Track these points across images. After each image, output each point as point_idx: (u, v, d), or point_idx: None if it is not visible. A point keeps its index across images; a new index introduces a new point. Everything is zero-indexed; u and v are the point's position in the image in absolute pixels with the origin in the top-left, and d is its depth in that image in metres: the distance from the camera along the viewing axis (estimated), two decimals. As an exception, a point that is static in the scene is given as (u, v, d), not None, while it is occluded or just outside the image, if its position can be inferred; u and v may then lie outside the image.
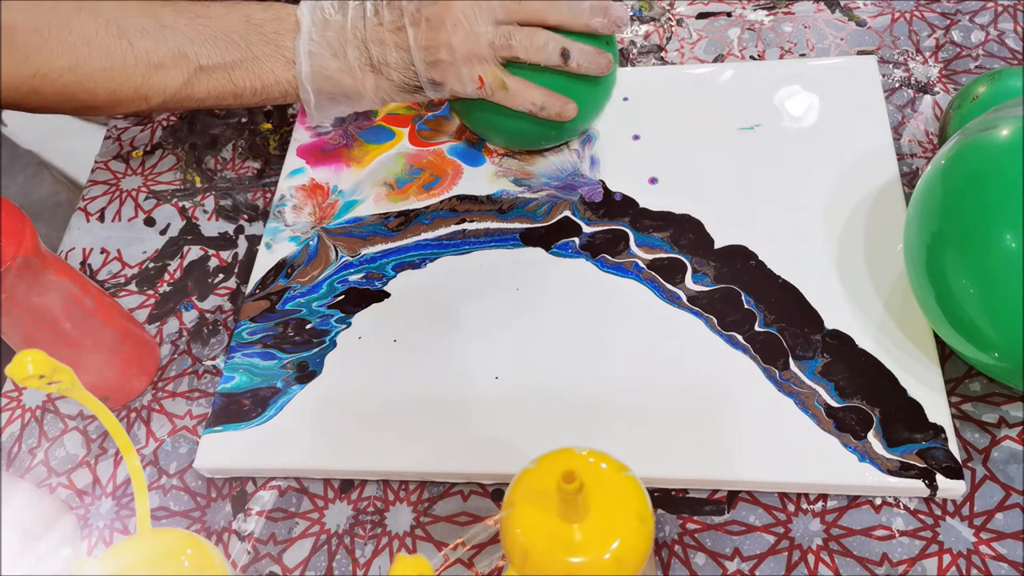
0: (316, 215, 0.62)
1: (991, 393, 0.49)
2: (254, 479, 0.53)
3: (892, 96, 0.61)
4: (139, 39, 0.54)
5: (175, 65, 0.55)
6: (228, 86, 0.56)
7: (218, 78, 0.56)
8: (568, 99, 0.55)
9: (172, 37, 0.55)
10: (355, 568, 0.49)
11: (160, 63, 0.55)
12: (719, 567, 0.47)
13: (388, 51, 0.54)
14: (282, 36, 0.55)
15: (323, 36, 0.55)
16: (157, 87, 0.55)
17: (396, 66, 0.54)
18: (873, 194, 0.55)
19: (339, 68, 0.55)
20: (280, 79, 0.56)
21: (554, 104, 0.55)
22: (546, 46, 0.54)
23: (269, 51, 0.55)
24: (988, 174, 0.42)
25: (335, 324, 0.56)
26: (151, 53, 0.54)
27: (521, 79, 0.55)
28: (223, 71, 0.55)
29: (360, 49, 0.54)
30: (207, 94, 0.56)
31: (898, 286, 0.52)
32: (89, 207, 0.67)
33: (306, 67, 0.55)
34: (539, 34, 0.54)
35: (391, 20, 0.54)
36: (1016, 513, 0.46)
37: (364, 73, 0.55)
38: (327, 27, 0.55)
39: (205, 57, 0.55)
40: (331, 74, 0.55)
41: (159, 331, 0.60)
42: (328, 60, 0.55)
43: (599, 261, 0.56)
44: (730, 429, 0.49)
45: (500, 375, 0.53)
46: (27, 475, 0.56)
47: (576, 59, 0.54)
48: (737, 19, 0.67)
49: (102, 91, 0.55)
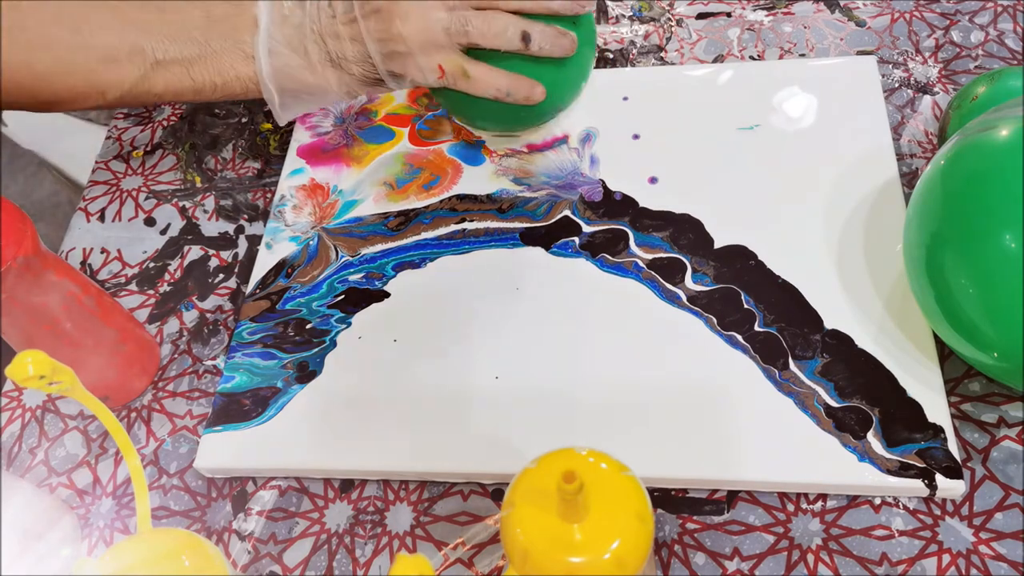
0: (316, 215, 0.62)
1: (991, 393, 0.49)
2: (254, 479, 0.53)
3: (892, 96, 0.61)
4: (95, 33, 0.53)
5: (130, 60, 0.54)
6: (186, 81, 0.55)
7: (175, 73, 0.54)
8: (535, 82, 0.54)
9: (128, 31, 0.53)
10: (355, 568, 0.49)
11: (115, 57, 0.53)
12: (719, 567, 0.47)
13: (344, 45, 0.53)
14: (240, 31, 0.54)
15: (282, 33, 0.53)
16: (112, 81, 0.54)
17: (355, 59, 0.53)
18: (873, 194, 0.55)
19: (300, 65, 0.53)
20: (240, 75, 0.54)
21: (520, 88, 0.54)
22: (505, 30, 0.52)
23: (228, 46, 0.54)
24: (988, 174, 0.42)
25: (335, 324, 0.56)
26: (107, 47, 0.53)
27: (484, 65, 0.53)
28: (180, 66, 0.54)
29: (319, 44, 0.53)
30: (164, 89, 0.55)
31: (898, 286, 0.52)
32: (89, 207, 0.67)
33: (267, 66, 0.53)
34: (497, 18, 0.52)
35: (344, 12, 0.52)
36: (1015, 513, 0.46)
37: (325, 69, 0.53)
38: (285, 23, 0.53)
39: (162, 52, 0.54)
40: (293, 72, 0.54)
41: (159, 331, 0.60)
42: (289, 57, 0.53)
43: (599, 261, 0.56)
44: (730, 429, 0.49)
45: (500, 375, 0.53)
46: (27, 475, 0.56)
47: (538, 42, 0.52)
48: (737, 19, 0.67)
49: (61, 86, 0.54)
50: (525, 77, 0.54)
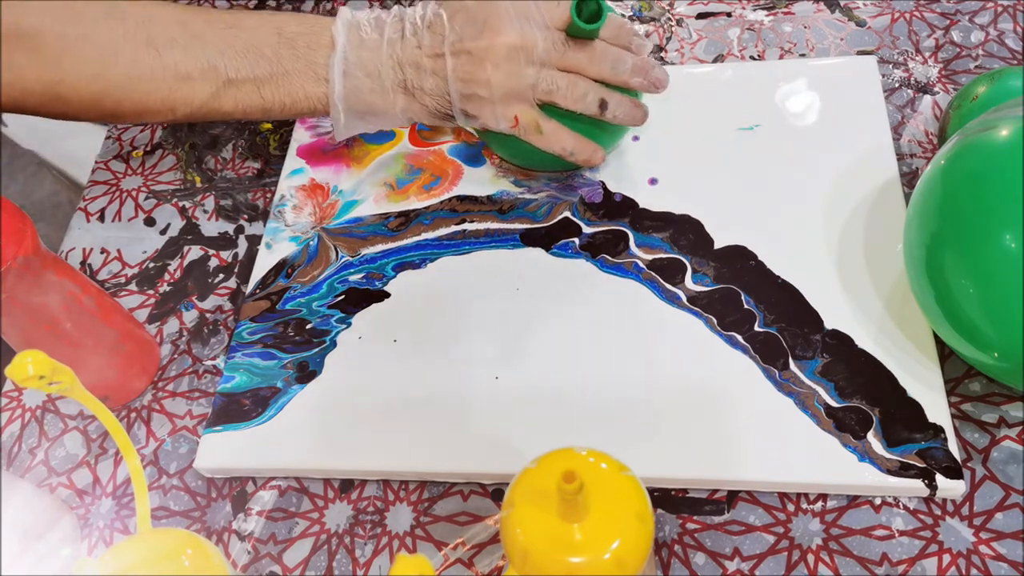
0: (316, 215, 0.62)
1: (991, 393, 0.49)
2: (254, 479, 0.53)
3: (892, 96, 0.61)
4: (167, 49, 0.53)
5: (203, 77, 0.53)
6: (257, 100, 0.55)
7: (247, 92, 0.54)
8: (598, 147, 0.56)
9: (201, 48, 0.53)
10: (355, 568, 0.49)
11: (188, 75, 0.53)
12: (719, 567, 0.47)
13: (424, 76, 0.53)
14: (315, 52, 0.54)
15: (358, 56, 0.53)
16: (184, 99, 0.54)
17: (431, 92, 0.53)
18: (873, 194, 0.55)
19: (372, 89, 0.54)
20: (310, 95, 0.54)
21: (584, 151, 0.55)
22: (586, 95, 0.53)
23: (300, 67, 0.54)
24: (988, 174, 0.42)
25: (335, 324, 0.56)
26: (179, 64, 0.53)
27: (556, 123, 0.55)
28: (252, 85, 0.54)
29: (395, 70, 0.53)
30: (235, 107, 0.55)
31: (898, 286, 0.52)
32: (89, 207, 0.68)
33: (339, 87, 0.53)
34: (580, 83, 0.53)
35: (430, 44, 0.53)
36: (1016, 513, 0.46)
37: (396, 94, 0.54)
38: (363, 46, 0.53)
39: (234, 70, 0.53)
40: (363, 95, 0.54)
41: (159, 331, 0.60)
42: (362, 80, 0.53)
43: (599, 261, 0.56)
44: (730, 429, 0.49)
45: (500, 375, 0.53)
46: (27, 475, 0.56)
47: (613, 110, 0.54)
48: (737, 19, 0.67)
49: (128, 101, 0.54)
50: (590, 141, 0.56)
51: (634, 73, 0.54)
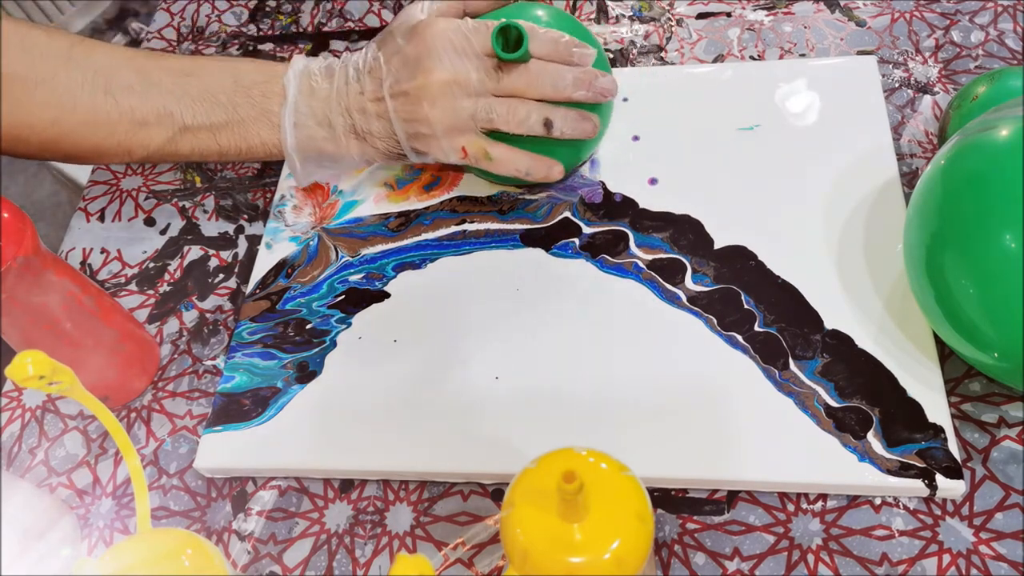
0: (316, 215, 0.62)
1: (991, 393, 0.49)
2: (254, 479, 0.53)
3: (892, 96, 0.61)
4: (124, 96, 0.54)
5: (159, 123, 0.55)
6: (213, 146, 0.56)
7: (203, 138, 0.56)
8: (553, 161, 0.56)
9: (158, 95, 0.54)
10: (355, 568, 0.49)
11: (144, 120, 0.54)
12: (719, 567, 0.47)
13: (371, 120, 0.54)
14: (269, 100, 0.55)
15: (309, 105, 0.55)
16: (141, 143, 0.55)
17: (379, 135, 0.55)
18: (873, 194, 0.55)
19: (324, 137, 0.55)
20: (266, 142, 0.56)
21: (539, 168, 0.56)
22: (528, 117, 0.53)
23: (255, 114, 0.55)
24: (988, 174, 0.42)
25: (335, 324, 0.56)
26: (136, 110, 0.54)
27: (505, 146, 0.55)
28: (208, 132, 0.55)
29: (344, 117, 0.54)
30: (191, 151, 0.56)
31: (898, 286, 0.52)
32: (89, 207, 0.68)
33: (291, 138, 0.55)
34: (520, 106, 0.53)
35: (371, 89, 0.54)
36: (1016, 513, 0.46)
37: (348, 140, 0.55)
38: (313, 95, 0.55)
39: (190, 117, 0.55)
40: (317, 143, 0.55)
41: (159, 331, 0.60)
42: (314, 129, 0.55)
43: (599, 261, 0.56)
44: (730, 429, 0.49)
45: (500, 375, 0.53)
46: (27, 475, 0.56)
47: (559, 127, 0.54)
48: (737, 19, 0.67)
49: (85, 143, 0.55)
50: (544, 157, 0.56)
51: (576, 87, 0.54)
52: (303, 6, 0.76)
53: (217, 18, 0.77)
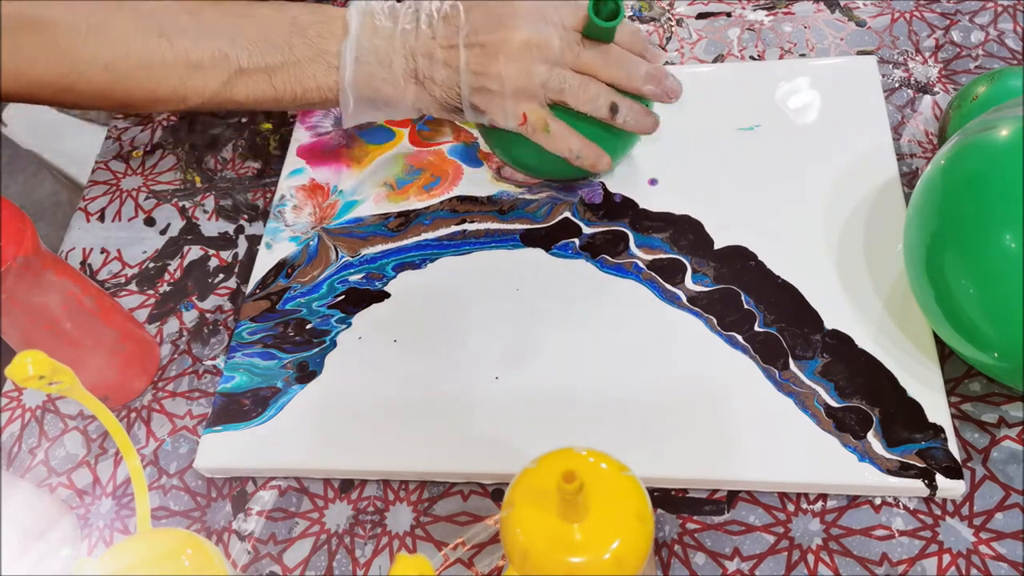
0: (316, 215, 0.62)
1: (991, 393, 0.49)
2: (254, 479, 0.53)
3: (892, 96, 0.61)
4: (179, 38, 0.53)
5: (214, 66, 0.53)
6: (268, 90, 0.55)
7: (258, 81, 0.54)
8: (604, 152, 0.55)
9: (212, 37, 0.53)
10: (355, 568, 0.49)
11: (199, 63, 0.53)
12: (719, 567, 0.47)
13: (436, 66, 0.53)
14: (327, 40, 0.54)
15: (372, 42, 0.53)
16: (196, 88, 0.54)
17: (441, 83, 0.53)
18: (873, 194, 0.55)
19: (383, 77, 0.53)
20: (321, 84, 0.54)
21: (590, 155, 0.55)
22: (597, 97, 0.53)
23: (312, 55, 0.54)
24: (988, 174, 0.42)
25: (335, 324, 0.56)
26: (190, 53, 0.53)
27: (563, 123, 0.54)
28: (264, 74, 0.54)
29: (407, 59, 0.53)
30: (246, 97, 0.55)
31: (898, 286, 0.52)
32: (89, 207, 0.68)
33: (350, 73, 0.53)
34: (592, 85, 0.53)
35: (444, 36, 0.53)
36: (1016, 513, 0.46)
37: (407, 83, 0.54)
38: (376, 34, 0.53)
39: (246, 59, 0.53)
40: (375, 83, 0.54)
41: (159, 331, 0.60)
42: (374, 68, 0.53)
43: (599, 262, 0.56)
44: (730, 429, 0.49)
45: (500, 375, 0.53)
46: (27, 475, 0.56)
47: (624, 115, 0.54)
48: (737, 19, 0.67)
49: (139, 90, 0.54)
50: (596, 145, 0.55)
51: (647, 80, 0.54)
52: None
53: None
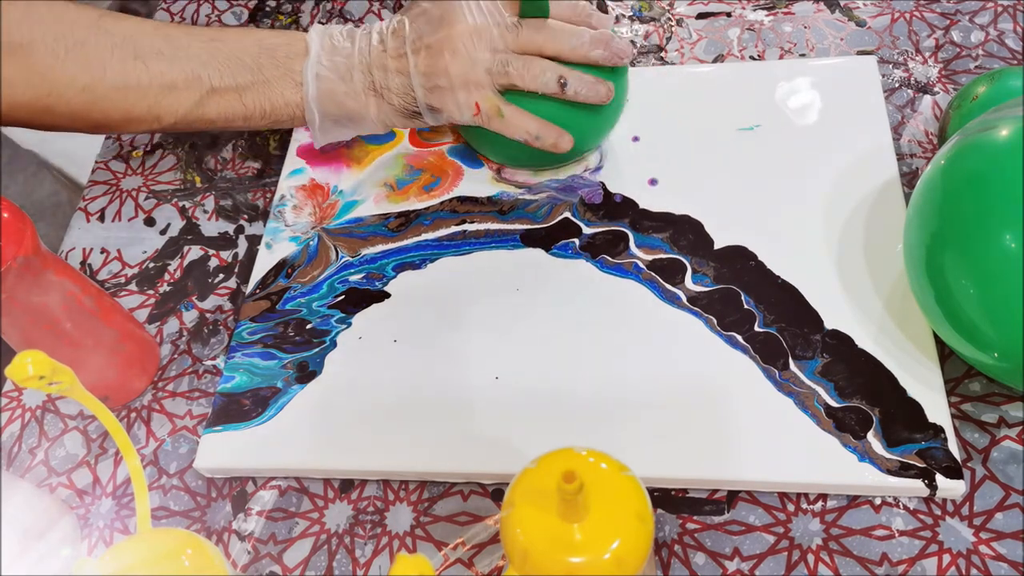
0: (316, 215, 0.62)
1: (991, 393, 0.49)
2: (254, 479, 0.53)
3: (892, 96, 0.61)
4: (154, 61, 0.55)
5: (187, 86, 0.56)
6: (239, 108, 0.57)
7: (229, 100, 0.56)
8: (563, 131, 0.55)
9: (186, 59, 0.56)
10: (355, 568, 0.49)
11: (173, 84, 0.55)
12: (719, 567, 0.47)
13: (390, 76, 0.55)
14: (292, 60, 0.56)
15: (331, 60, 0.56)
16: (170, 107, 0.56)
17: (397, 91, 0.55)
18: (873, 194, 0.55)
19: (345, 92, 0.56)
20: (289, 102, 0.57)
21: (549, 135, 0.55)
22: (543, 73, 0.54)
23: (279, 74, 0.56)
24: (988, 174, 0.42)
25: (335, 324, 0.56)
26: (165, 74, 0.55)
27: (517, 108, 0.55)
28: (234, 93, 0.56)
29: (365, 74, 0.55)
30: (218, 115, 0.57)
31: (898, 286, 0.52)
32: (89, 207, 0.68)
33: (313, 89, 0.56)
34: (536, 62, 0.54)
35: (394, 47, 0.55)
36: (1016, 513, 0.46)
37: (367, 97, 0.56)
38: (335, 52, 0.56)
39: (217, 79, 0.56)
40: (337, 97, 0.56)
41: (159, 331, 0.60)
42: (335, 83, 0.56)
43: (599, 262, 0.56)
44: (730, 429, 0.49)
45: (500, 375, 0.53)
46: (27, 475, 0.56)
47: (574, 87, 0.54)
48: (737, 19, 0.67)
49: (115, 111, 0.56)
50: (555, 125, 0.55)
51: (594, 46, 0.54)
52: (303, 6, 0.76)
53: (217, 18, 0.77)
